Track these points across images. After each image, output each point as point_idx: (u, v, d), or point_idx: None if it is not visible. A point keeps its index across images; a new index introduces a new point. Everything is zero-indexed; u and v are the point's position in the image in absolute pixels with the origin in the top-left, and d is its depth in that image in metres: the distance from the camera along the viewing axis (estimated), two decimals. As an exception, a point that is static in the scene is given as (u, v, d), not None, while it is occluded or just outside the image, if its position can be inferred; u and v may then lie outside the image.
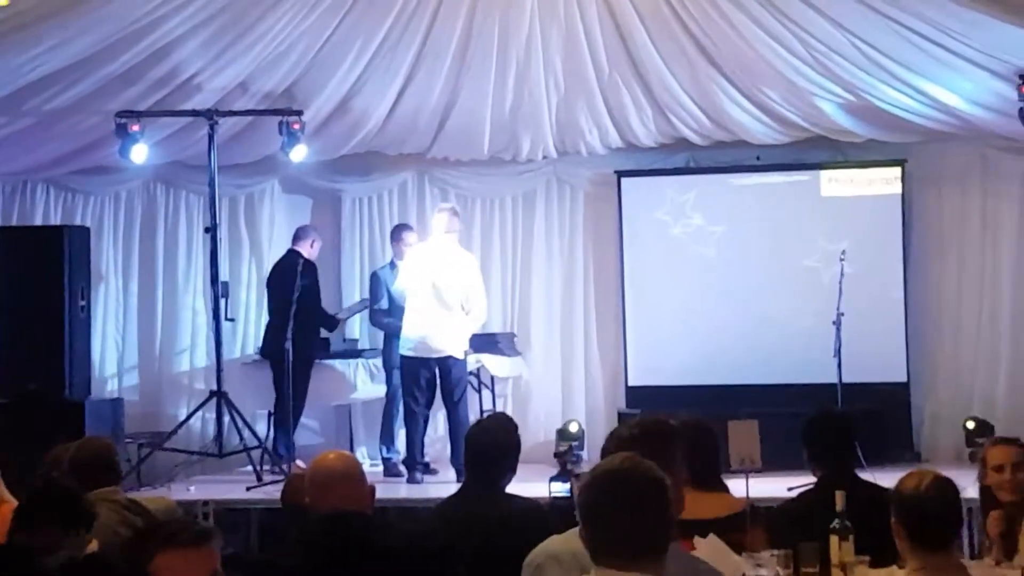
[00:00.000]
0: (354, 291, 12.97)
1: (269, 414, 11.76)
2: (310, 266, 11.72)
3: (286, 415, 11.31)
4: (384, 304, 11.53)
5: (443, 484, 9.81)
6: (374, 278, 11.84)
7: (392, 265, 11.63)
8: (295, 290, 11.19)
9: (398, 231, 11.84)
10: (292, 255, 11.73)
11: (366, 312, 12.13)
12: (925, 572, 4.40)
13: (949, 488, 4.53)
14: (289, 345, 11.10)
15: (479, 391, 12.19)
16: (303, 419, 11.93)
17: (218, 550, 3.82)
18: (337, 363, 12.16)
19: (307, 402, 11.77)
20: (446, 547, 4.91)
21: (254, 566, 4.15)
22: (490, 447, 5.84)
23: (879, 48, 10.43)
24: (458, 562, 4.81)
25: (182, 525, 4.08)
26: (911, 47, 10.27)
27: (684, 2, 10.38)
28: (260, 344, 12.10)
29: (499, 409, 11.49)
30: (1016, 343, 11.96)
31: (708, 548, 4.88)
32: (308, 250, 11.79)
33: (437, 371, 10.93)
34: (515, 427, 6.21)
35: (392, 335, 11.30)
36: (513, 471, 5.95)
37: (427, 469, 11.16)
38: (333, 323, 12.14)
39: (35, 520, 5.25)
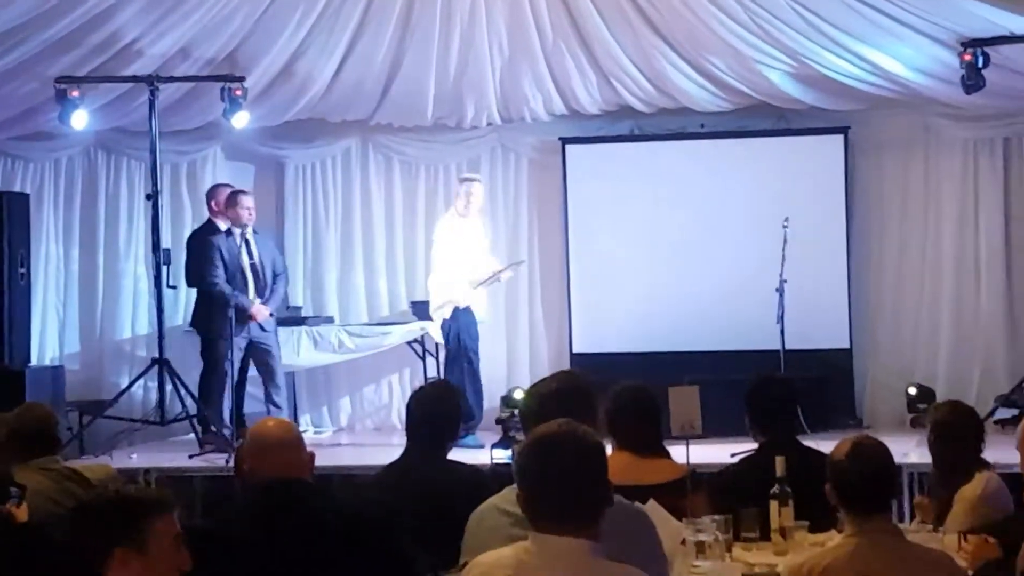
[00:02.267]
0: (298, 258, 12.91)
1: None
2: (195, 234, 11.66)
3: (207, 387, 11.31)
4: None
5: (386, 449, 9.77)
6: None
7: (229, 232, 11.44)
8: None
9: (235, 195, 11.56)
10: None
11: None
12: (861, 536, 4.42)
13: (881, 452, 4.55)
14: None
15: (423, 358, 12.20)
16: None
17: None
18: (282, 331, 12.11)
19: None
20: (387, 513, 4.89)
21: (196, 533, 4.12)
22: (432, 414, 5.83)
23: (821, 15, 10.46)
24: (399, 528, 4.80)
25: (160, 490, 4.16)
26: (854, 14, 10.30)
27: (628, -31, 10.39)
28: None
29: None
30: (957, 310, 12.05)
31: (649, 514, 4.89)
32: (218, 214, 11.58)
33: None
34: (457, 394, 6.21)
35: None
36: (455, 438, 5.95)
37: None
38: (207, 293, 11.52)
39: None
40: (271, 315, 11.45)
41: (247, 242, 11.34)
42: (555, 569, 3.54)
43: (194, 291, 11.65)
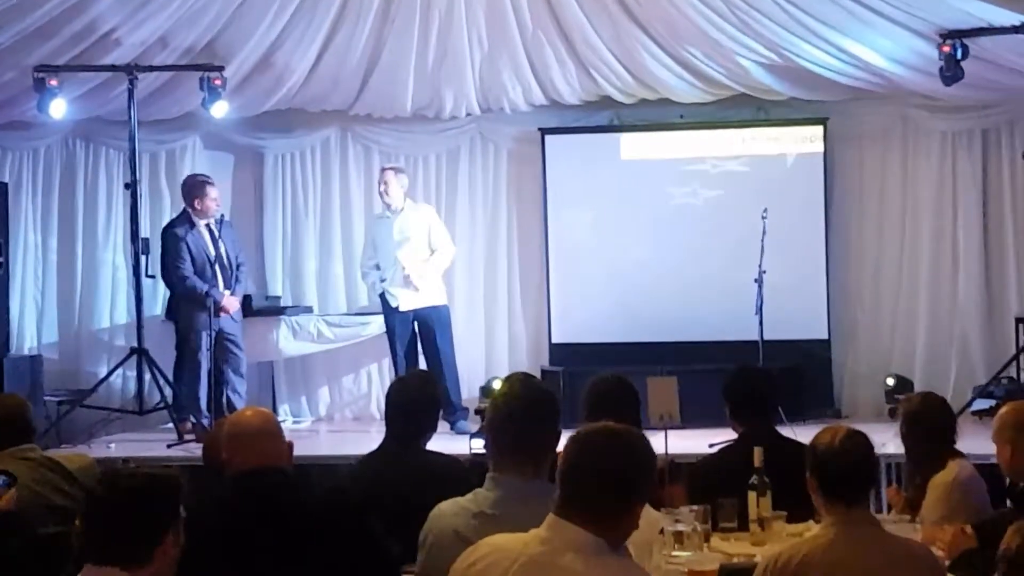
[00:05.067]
0: (276, 248, 12.91)
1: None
2: (166, 228, 11.62)
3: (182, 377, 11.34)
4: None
5: (364, 439, 9.77)
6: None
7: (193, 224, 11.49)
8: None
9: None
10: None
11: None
12: (839, 527, 4.44)
13: (863, 443, 4.56)
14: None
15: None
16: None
17: None
18: (262, 321, 12.11)
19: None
20: (366, 503, 4.91)
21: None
22: (410, 404, 5.84)
23: (800, 5, 10.47)
24: (378, 518, 4.82)
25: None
26: (833, 5, 10.31)
27: (607, -41, 10.39)
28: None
29: (421, 366, 11.44)
30: (934, 301, 12.08)
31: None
32: (194, 206, 11.54)
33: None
34: (435, 384, 6.23)
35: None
36: (433, 428, 5.96)
37: None
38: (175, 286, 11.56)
39: None
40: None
41: (212, 233, 11.34)
42: (563, 555, 3.57)
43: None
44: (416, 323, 11.45)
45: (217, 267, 11.32)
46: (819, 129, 12.26)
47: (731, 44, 11.19)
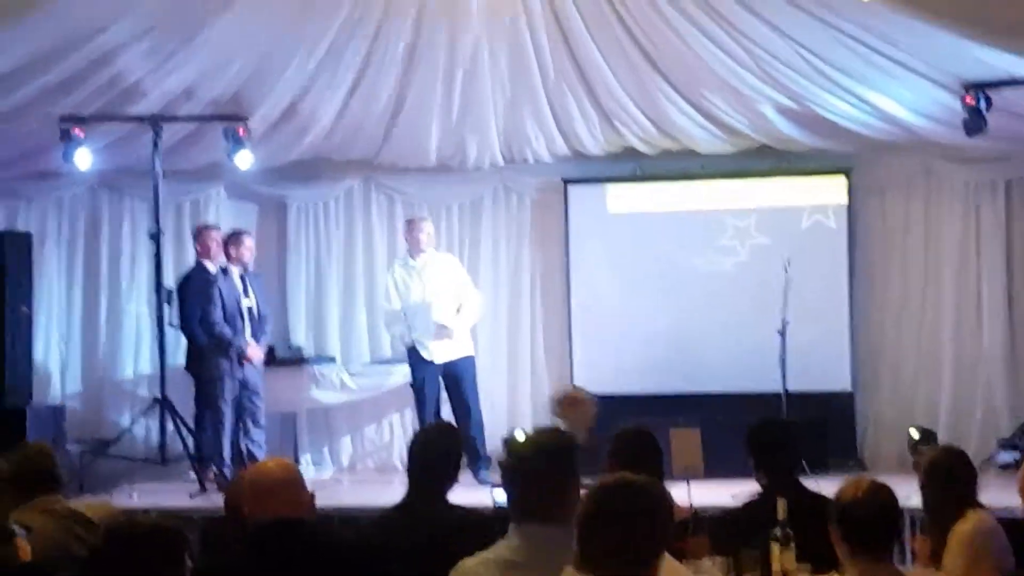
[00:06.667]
0: (300, 298, 12.93)
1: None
2: (188, 277, 11.66)
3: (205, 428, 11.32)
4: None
5: (387, 490, 9.75)
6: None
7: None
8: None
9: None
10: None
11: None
12: (863, 579, 4.42)
13: (886, 495, 4.55)
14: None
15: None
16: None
17: None
18: (286, 371, 12.12)
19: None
20: (392, 555, 4.89)
21: (196, 574, 4.13)
22: (433, 457, 5.82)
23: (822, 56, 10.47)
24: (404, 571, 4.80)
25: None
26: (854, 56, 10.31)
27: (630, 10, 10.40)
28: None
29: (443, 417, 11.43)
30: (957, 352, 12.03)
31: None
32: (206, 255, 11.64)
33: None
34: (457, 435, 6.21)
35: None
36: (455, 478, 5.94)
37: None
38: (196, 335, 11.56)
39: None
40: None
41: (244, 282, 11.38)
42: None
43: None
44: (444, 374, 11.45)
45: (247, 316, 11.34)
46: (842, 180, 12.25)
47: (752, 94, 11.20)
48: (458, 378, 11.44)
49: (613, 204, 12.69)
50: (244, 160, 11.39)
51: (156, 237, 11.42)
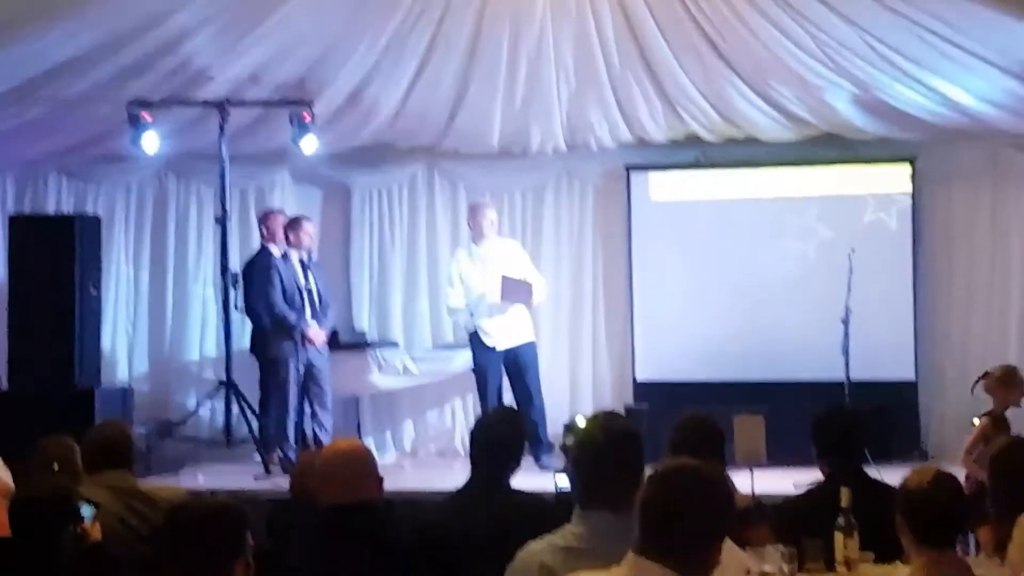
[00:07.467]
0: (363, 283, 12.99)
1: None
2: (252, 261, 11.73)
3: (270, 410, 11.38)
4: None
5: (448, 474, 9.81)
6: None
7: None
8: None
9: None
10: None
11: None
12: (928, 569, 4.41)
13: (953, 485, 4.54)
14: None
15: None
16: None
17: None
18: (349, 355, 12.19)
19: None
20: (456, 540, 4.92)
21: (262, 558, 4.16)
22: (496, 442, 5.85)
23: (890, 45, 10.41)
24: (467, 556, 4.83)
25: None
26: (923, 44, 10.25)
27: (697, 1, 10.39)
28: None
29: (505, 403, 11.47)
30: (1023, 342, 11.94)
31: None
32: (271, 239, 11.71)
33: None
34: (520, 421, 6.23)
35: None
36: (518, 464, 5.96)
37: None
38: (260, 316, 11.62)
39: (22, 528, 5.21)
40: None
41: (304, 266, 11.45)
42: None
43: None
44: (507, 360, 11.49)
45: (307, 300, 11.41)
46: (907, 168, 12.17)
47: (819, 82, 11.14)
48: (520, 364, 11.48)
49: (675, 191, 12.67)
50: (309, 145, 11.45)
51: (222, 221, 11.50)
